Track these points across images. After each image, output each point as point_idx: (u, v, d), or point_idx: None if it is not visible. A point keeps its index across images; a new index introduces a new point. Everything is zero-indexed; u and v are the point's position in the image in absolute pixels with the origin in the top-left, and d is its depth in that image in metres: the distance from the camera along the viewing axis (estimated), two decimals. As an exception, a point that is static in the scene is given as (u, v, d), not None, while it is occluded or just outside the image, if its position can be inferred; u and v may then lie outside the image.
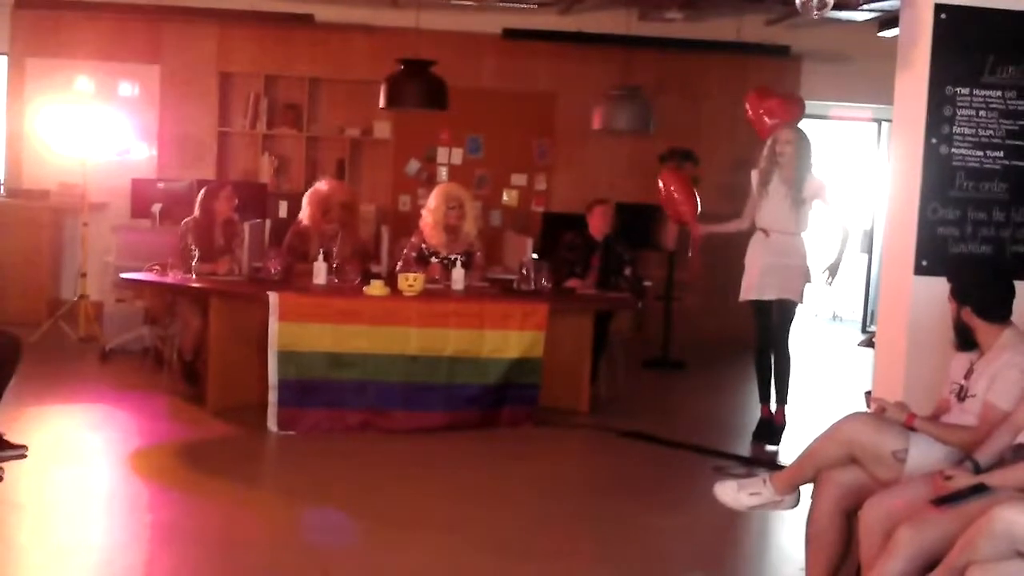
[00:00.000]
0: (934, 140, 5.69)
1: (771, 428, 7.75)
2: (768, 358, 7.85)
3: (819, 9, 6.34)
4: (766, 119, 8.45)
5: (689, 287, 10.15)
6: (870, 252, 13.35)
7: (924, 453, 4.38)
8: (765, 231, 7.74)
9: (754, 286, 7.71)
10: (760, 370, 7.92)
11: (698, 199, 9.19)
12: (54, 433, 7.18)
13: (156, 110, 11.51)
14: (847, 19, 10.39)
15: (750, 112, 8.65)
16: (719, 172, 11.51)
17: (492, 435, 7.47)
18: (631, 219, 10.81)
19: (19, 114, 11.23)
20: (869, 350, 11.27)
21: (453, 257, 8.34)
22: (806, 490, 4.72)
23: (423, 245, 8.50)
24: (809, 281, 7.79)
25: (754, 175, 7.88)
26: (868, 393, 4.97)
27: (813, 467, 4.61)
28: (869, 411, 4.63)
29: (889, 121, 6.28)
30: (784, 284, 7.65)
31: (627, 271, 8.90)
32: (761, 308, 7.78)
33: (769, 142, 7.76)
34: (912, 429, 4.43)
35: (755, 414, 7.83)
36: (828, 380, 10.50)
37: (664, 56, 11.71)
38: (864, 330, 13.25)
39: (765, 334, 7.84)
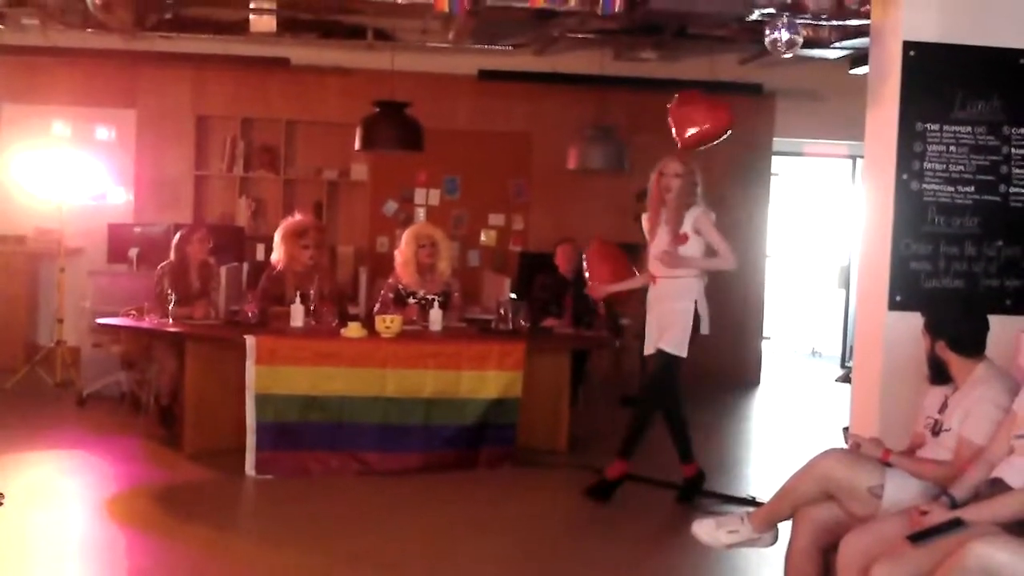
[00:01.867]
0: (905, 176, 5.74)
1: (695, 486, 7.16)
2: (677, 412, 7.16)
3: (788, 48, 6.41)
4: (688, 129, 7.81)
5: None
6: (847, 287, 13.40)
7: (900, 488, 4.40)
8: (652, 277, 7.09)
9: (645, 341, 7.09)
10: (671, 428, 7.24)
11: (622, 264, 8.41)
12: (31, 479, 7.12)
13: (132, 154, 11.49)
14: (819, 57, 10.47)
15: (671, 122, 7.94)
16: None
17: (470, 476, 7.45)
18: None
19: (-6, 160, 11.21)
20: (847, 385, 11.31)
21: (430, 297, 8.34)
22: (784, 527, 4.72)
23: (400, 286, 8.51)
24: (698, 330, 6.94)
25: (644, 220, 7.25)
26: (846, 429, 4.98)
27: (790, 504, 4.62)
28: (845, 447, 4.64)
29: (863, 157, 6.32)
30: (662, 331, 6.92)
31: (600, 309, 8.91)
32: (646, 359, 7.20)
33: (653, 176, 7.13)
34: (888, 464, 4.44)
35: (736, 451, 7.83)
36: (807, 416, 10.52)
37: (638, 95, 11.75)
38: (843, 365, 13.28)
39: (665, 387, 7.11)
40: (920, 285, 5.73)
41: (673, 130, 7.90)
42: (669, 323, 6.89)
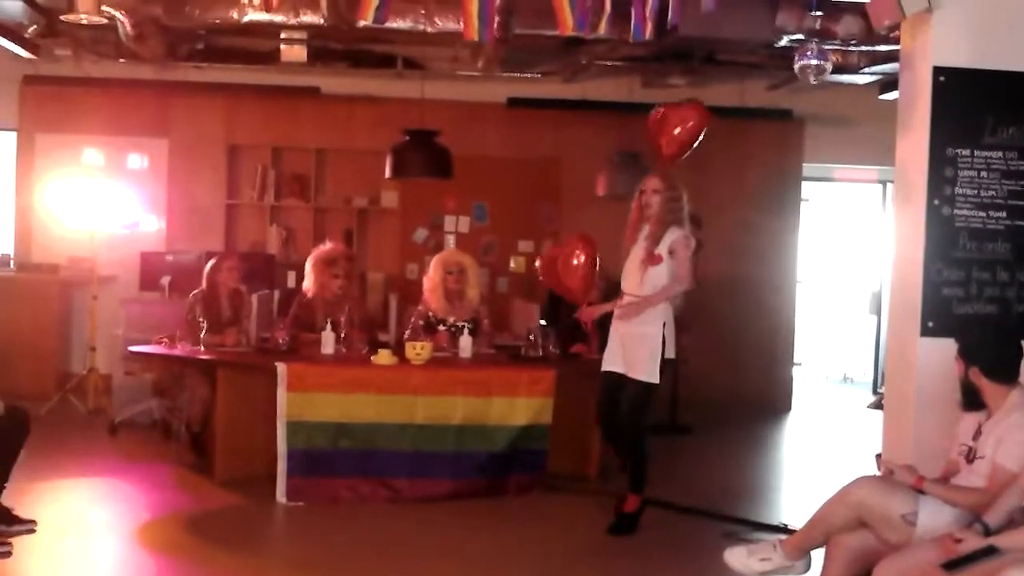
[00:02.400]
0: (936, 201, 5.73)
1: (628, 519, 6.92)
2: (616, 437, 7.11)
3: (817, 75, 6.42)
4: (662, 141, 7.23)
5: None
6: (878, 313, 13.33)
7: (934, 516, 4.37)
8: (623, 294, 6.94)
9: (605, 357, 6.99)
10: (617, 449, 7.20)
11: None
12: (63, 507, 7.15)
13: (165, 183, 11.58)
14: (848, 82, 10.46)
15: (653, 135, 7.34)
16: (723, 235, 11.56)
17: (500, 502, 7.44)
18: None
19: (28, 189, 11.31)
20: (879, 412, 11.25)
21: (460, 324, 8.35)
22: (817, 555, 4.70)
23: (429, 313, 8.52)
24: (666, 356, 6.76)
25: (625, 237, 6.99)
26: (879, 456, 4.96)
27: (823, 531, 4.60)
28: (878, 474, 4.62)
29: (893, 182, 6.31)
30: (630, 358, 6.79)
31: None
32: (607, 382, 6.96)
33: (636, 193, 6.93)
34: (921, 492, 4.42)
35: (768, 478, 7.77)
36: (838, 443, 10.45)
37: (668, 122, 11.77)
38: (874, 392, 13.21)
39: (610, 410, 6.99)
40: (952, 311, 5.71)
41: (660, 142, 7.28)
42: (637, 348, 6.75)
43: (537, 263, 8.26)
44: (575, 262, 7.53)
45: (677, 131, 7.12)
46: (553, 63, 10.99)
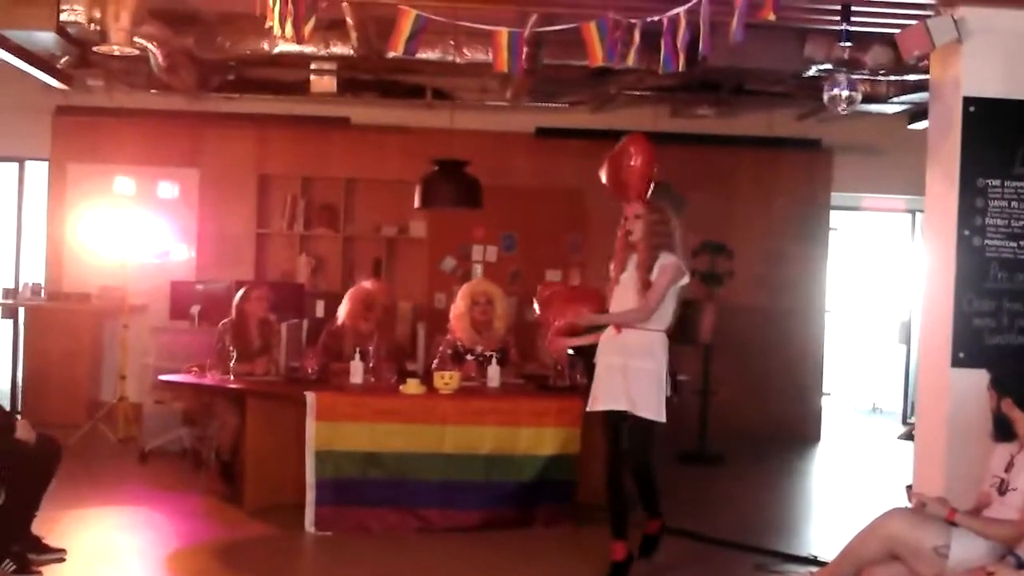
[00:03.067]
0: (967, 232, 5.71)
1: (624, 569, 6.45)
2: (621, 480, 6.48)
3: (848, 104, 6.41)
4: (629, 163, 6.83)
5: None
6: (908, 343, 13.27)
7: (966, 548, 4.34)
8: (617, 328, 6.46)
9: (600, 394, 6.46)
10: (610, 495, 6.48)
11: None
12: (93, 536, 7.19)
13: (195, 212, 11.65)
14: (877, 112, 10.45)
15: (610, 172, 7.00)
16: (752, 265, 11.55)
17: (528, 533, 7.41)
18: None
19: (60, 218, 11.40)
20: (909, 443, 11.18)
21: (488, 354, 8.34)
22: (848, 587, 4.67)
23: (457, 342, 8.53)
24: (669, 392, 6.42)
25: (612, 267, 6.62)
26: (909, 487, 4.93)
27: (854, 564, 4.57)
28: (909, 506, 4.59)
29: (922, 212, 6.29)
30: (635, 394, 6.30)
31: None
32: (611, 420, 6.47)
33: (622, 221, 6.61)
34: (953, 524, 4.39)
35: (796, 509, 7.71)
36: (868, 474, 10.39)
37: (695, 151, 11.77)
38: (904, 422, 13.13)
39: (617, 451, 6.47)
40: (983, 342, 5.68)
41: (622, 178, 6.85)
42: (643, 384, 6.29)
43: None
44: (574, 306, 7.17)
45: (633, 162, 6.78)
46: (581, 93, 11.03)
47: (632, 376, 6.30)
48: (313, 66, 10.12)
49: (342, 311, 8.62)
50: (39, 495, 6.27)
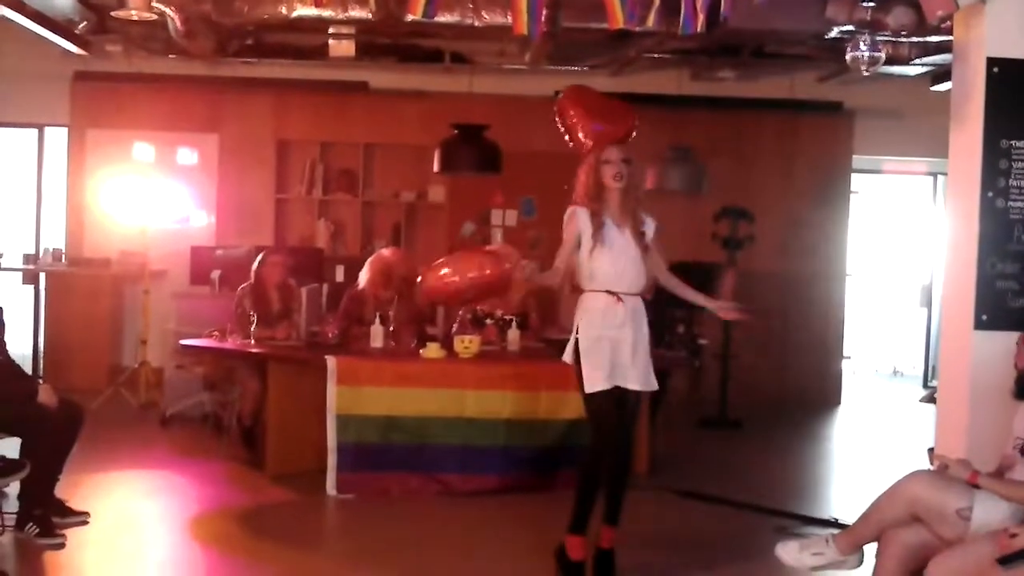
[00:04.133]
0: (990, 194, 5.67)
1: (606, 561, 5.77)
2: (601, 467, 5.70)
3: (870, 65, 6.36)
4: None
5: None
6: (929, 306, 13.22)
7: (989, 511, 4.32)
8: (615, 294, 5.67)
9: (617, 369, 5.62)
10: (586, 485, 5.72)
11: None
12: (115, 500, 7.23)
13: (215, 178, 11.65)
14: (899, 74, 10.37)
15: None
16: (773, 229, 11.51)
17: (549, 497, 7.39)
18: (686, 278, 10.78)
19: (80, 184, 11.42)
20: (931, 406, 11.15)
21: (508, 318, 8.34)
22: (869, 550, 4.66)
23: (477, 307, 8.52)
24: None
25: (582, 216, 5.76)
26: (931, 450, 4.91)
27: (876, 526, 4.56)
28: (932, 469, 4.57)
29: (944, 175, 6.23)
30: (646, 369, 5.72)
31: (680, 329, 8.83)
32: (617, 399, 5.67)
33: (588, 168, 5.86)
34: (976, 486, 4.37)
35: (818, 473, 7.67)
36: (889, 437, 10.37)
37: (717, 115, 11.73)
38: (925, 385, 13.11)
39: (611, 435, 5.62)
40: (1007, 304, 5.64)
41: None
42: (645, 354, 5.73)
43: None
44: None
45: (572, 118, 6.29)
46: (600, 56, 10.96)
47: (640, 349, 5.69)
48: (331, 30, 10.08)
49: (363, 278, 8.62)
50: (62, 459, 6.31)
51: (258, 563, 6.02)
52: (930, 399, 11.76)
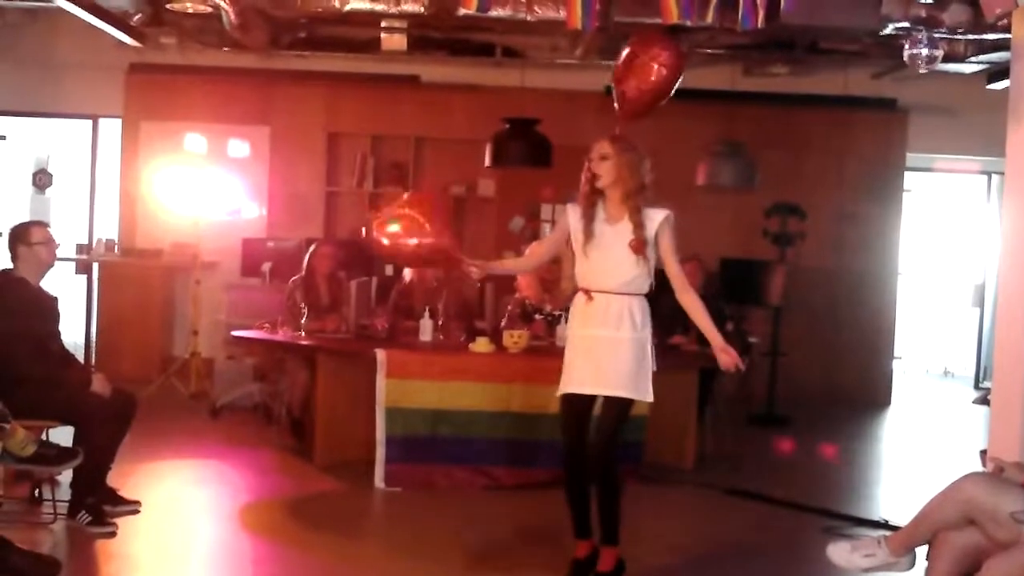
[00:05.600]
0: (1048, 193, 5.60)
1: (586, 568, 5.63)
2: (577, 470, 5.60)
3: (928, 63, 6.30)
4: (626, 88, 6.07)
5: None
6: (982, 306, 13.09)
7: (1044, 514, 4.27)
8: (587, 291, 5.49)
9: (572, 376, 5.50)
10: (580, 494, 5.62)
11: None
12: (166, 488, 7.30)
13: (266, 170, 11.69)
14: (954, 71, 10.26)
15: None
16: (824, 226, 11.42)
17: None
18: (736, 274, 10.77)
19: (133, 176, 11.49)
20: (983, 407, 11.05)
21: (556, 313, 8.34)
22: (922, 552, 4.62)
23: (526, 301, 8.52)
24: (652, 366, 5.54)
25: (571, 213, 5.57)
26: (983, 452, 4.87)
27: (929, 528, 4.51)
28: (986, 471, 4.52)
29: (999, 174, 6.16)
30: (610, 372, 5.40)
31: (729, 327, 8.79)
32: (575, 405, 5.53)
33: (585, 164, 5.64)
34: (1031, 489, 4.32)
35: (868, 473, 7.60)
36: (940, 438, 10.28)
37: (768, 111, 11.65)
38: (977, 387, 12.97)
39: (568, 443, 5.56)
40: (1063, 305, 5.57)
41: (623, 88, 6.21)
42: (624, 357, 5.41)
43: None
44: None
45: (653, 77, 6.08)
46: (652, 51, 10.90)
47: (610, 351, 5.39)
48: (384, 24, 10.10)
49: (408, 269, 8.62)
50: (114, 448, 6.37)
51: (306, 552, 6.06)
52: (983, 400, 11.64)
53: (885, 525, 6.64)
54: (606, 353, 5.40)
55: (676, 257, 5.53)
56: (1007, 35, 6.22)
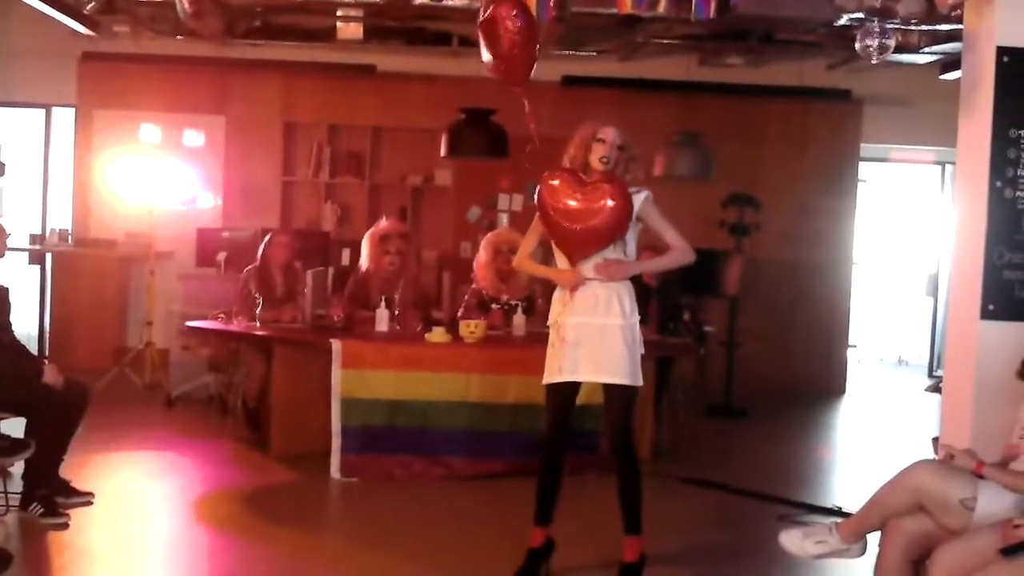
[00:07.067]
0: (999, 184, 5.64)
1: (540, 557, 5.67)
2: (557, 459, 5.67)
3: (880, 53, 6.32)
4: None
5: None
6: (935, 296, 13.21)
7: (993, 501, 4.31)
8: (580, 277, 5.56)
9: (562, 364, 5.49)
10: (543, 478, 5.67)
11: None
12: (120, 480, 7.24)
13: (221, 160, 11.63)
14: (909, 62, 10.34)
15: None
16: (780, 217, 11.48)
17: (554, 482, 7.43)
18: (693, 265, 10.78)
19: (87, 165, 11.40)
20: (936, 395, 11.15)
21: (514, 303, 8.33)
22: (873, 538, 4.66)
23: (483, 291, 8.52)
24: (641, 350, 5.54)
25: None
26: (936, 439, 4.90)
27: (880, 515, 4.55)
28: (937, 458, 4.56)
29: (952, 164, 6.21)
30: (606, 359, 5.42)
31: (685, 316, 8.83)
32: (561, 394, 5.58)
33: (576, 144, 5.84)
34: (981, 477, 4.36)
35: (821, 460, 7.66)
36: (894, 426, 10.37)
37: (725, 101, 11.69)
38: (930, 375, 13.09)
39: (560, 427, 5.63)
40: (1014, 295, 5.61)
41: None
42: (614, 343, 5.42)
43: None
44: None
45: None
46: (609, 42, 10.93)
47: (599, 338, 5.43)
48: (339, 13, 10.07)
49: (364, 257, 8.60)
50: (67, 439, 6.32)
51: (262, 544, 6.03)
52: (935, 388, 11.75)
53: (839, 512, 6.69)
54: (598, 340, 5.44)
55: (672, 228, 5.75)
56: (960, 26, 6.26)
